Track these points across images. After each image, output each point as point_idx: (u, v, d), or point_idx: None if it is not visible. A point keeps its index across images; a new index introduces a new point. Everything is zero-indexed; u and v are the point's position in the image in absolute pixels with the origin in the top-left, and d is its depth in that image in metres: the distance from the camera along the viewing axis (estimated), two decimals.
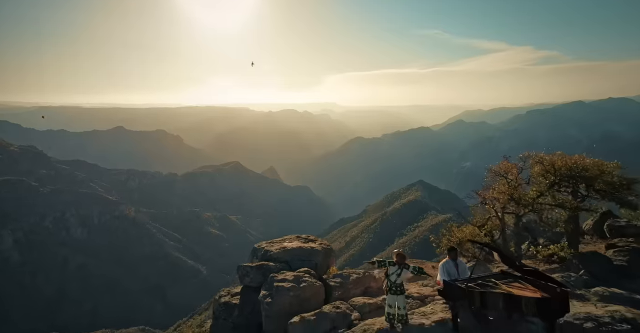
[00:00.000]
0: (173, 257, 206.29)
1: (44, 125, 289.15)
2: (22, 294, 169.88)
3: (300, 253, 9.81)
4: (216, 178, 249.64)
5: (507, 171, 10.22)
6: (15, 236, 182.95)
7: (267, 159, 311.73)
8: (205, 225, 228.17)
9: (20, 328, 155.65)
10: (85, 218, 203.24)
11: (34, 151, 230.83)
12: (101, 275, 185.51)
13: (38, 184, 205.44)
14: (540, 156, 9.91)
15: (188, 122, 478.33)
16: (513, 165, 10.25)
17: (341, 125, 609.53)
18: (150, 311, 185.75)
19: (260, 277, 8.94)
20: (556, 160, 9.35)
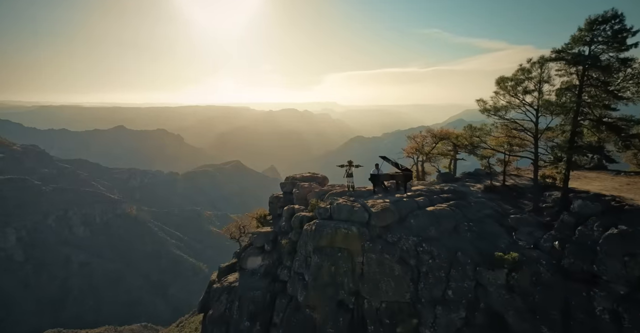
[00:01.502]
0: (174, 255, 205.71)
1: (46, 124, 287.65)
2: (26, 292, 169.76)
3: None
4: (217, 177, 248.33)
5: (414, 137, 19.08)
6: (18, 234, 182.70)
7: (267, 158, 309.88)
8: (206, 224, 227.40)
9: (24, 325, 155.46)
10: (88, 216, 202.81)
11: (36, 150, 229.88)
12: (104, 273, 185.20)
13: (41, 183, 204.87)
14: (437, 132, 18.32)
15: (189, 122, 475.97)
16: (419, 134, 18.59)
17: (341, 124, 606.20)
18: (152, 308, 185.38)
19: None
20: (439, 131, 17.85)
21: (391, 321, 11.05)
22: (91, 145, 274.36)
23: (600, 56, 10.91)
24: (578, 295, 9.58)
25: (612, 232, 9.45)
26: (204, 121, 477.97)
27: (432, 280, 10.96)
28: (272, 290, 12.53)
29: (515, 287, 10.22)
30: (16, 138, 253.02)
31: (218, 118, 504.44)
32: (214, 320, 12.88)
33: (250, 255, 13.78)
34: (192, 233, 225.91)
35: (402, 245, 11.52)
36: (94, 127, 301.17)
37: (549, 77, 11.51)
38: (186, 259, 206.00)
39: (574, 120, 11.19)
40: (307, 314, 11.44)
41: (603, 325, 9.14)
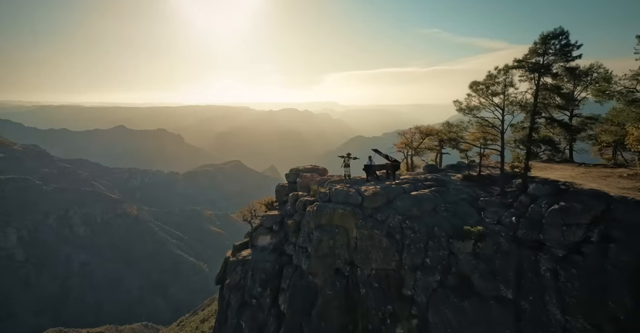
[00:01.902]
0: (175, 255, 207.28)
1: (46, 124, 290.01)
2: (27, 291, 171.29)
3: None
4: (217, 177, 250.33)
5: (404, 133, 21.40)
6: (19, 234, 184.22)
7: (267, 158, 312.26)
8: (207, 223, 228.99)
9: (24, 324, 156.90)
10: (88, 216, 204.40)
11: (37, 150, 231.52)
12: (104, 273, 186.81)
13: (41, 183, 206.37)
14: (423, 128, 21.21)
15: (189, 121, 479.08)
16: (409, 131, 21.13)
17: (342, 124, 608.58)
18: (152, 308, 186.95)
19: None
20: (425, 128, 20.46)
21: (380, 285, 13.50)
22: (91, 145, 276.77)
23: (552, 65, 13.37)
24: (528, 259, 12.02)
25: (554, 207, 11.90)
26: (204, 121, 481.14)
27: (413, 250, 13.40)
28: (280, 262, 14.98)
29: (480, 254, 12.67)
30: (17, 138, 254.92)
31: (218, 118, 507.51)
32: (231, 287, 15.34)
33: (260, 234, 16.28)
34: (192, 232, 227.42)
35: (389, 223, 13.97)
36: (94, 127, 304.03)
37: (511, 82, 13.95)
38: (186, 259, 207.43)
39: (531, 118, 13.64)
40: (309, 280, 13.86)
41: (545, 281, 11.58)
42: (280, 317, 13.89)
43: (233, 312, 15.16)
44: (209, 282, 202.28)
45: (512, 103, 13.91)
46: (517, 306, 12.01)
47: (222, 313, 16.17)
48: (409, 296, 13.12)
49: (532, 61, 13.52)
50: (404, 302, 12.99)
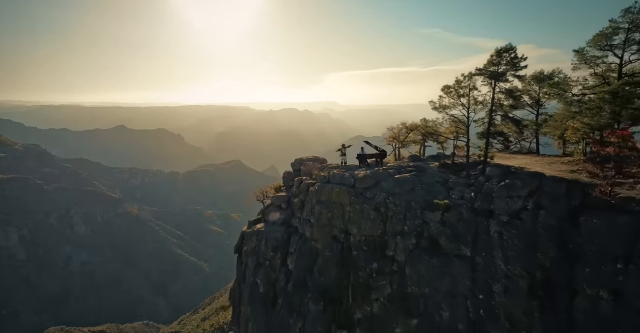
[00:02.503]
0: (175, 254, 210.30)
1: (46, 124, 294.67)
2: (28, 290, 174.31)
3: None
4: (217, 177, 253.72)
5: (392, 128, 24.72)
6: (20, 233, 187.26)
7: (268, 158, 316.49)
8: (207, 223, 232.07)
9: (26, 323, 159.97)
10: (89, 215, 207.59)
11: (37, 150, 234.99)
12: (105, 272, 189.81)
13: (42, 182, 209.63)
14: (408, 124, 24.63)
15: (189, 121, 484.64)
16: (397, 126, 24.52)
17: (341, 124, 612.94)
18: (153, 307, 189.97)
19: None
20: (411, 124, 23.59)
21: (368, 248, 17.27)
22: (92, 145, 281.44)
23: (505, 74, 17.17)
24: (482, 224, 15.79)
25: (501, 184, 15.67)
26: (204, 121, 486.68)
27: (394, 220, 17.19)
28: (288, 232, 18.70)
29: (446, 222, 16.44)
30: (17, 137, 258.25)
31: (218, 117, 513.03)
32: (248, 253, 19.09)
33: (271, 211, 20.03)
34: (192, 232, 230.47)
35: (376, 199, 17.77)
36: (94, 127, 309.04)
37: (475, 86, 17.75)
38: (187, 258, 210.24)
39: (489, 115, 17.45)
40: (312, 245, 17.57)
41: (494, 241, 15.35)
42: (288, 273, 17.61)
43: (250, 272, 18.95)
44: (210, 282, 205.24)
45: (475, 103, 17.72)
46: (473, 261, 15.78)
47: (241, 274, 19.93)
48: (390, 256, 16.88)
49: (490, 70, 17.31)
50: (387, 260, 16.76)
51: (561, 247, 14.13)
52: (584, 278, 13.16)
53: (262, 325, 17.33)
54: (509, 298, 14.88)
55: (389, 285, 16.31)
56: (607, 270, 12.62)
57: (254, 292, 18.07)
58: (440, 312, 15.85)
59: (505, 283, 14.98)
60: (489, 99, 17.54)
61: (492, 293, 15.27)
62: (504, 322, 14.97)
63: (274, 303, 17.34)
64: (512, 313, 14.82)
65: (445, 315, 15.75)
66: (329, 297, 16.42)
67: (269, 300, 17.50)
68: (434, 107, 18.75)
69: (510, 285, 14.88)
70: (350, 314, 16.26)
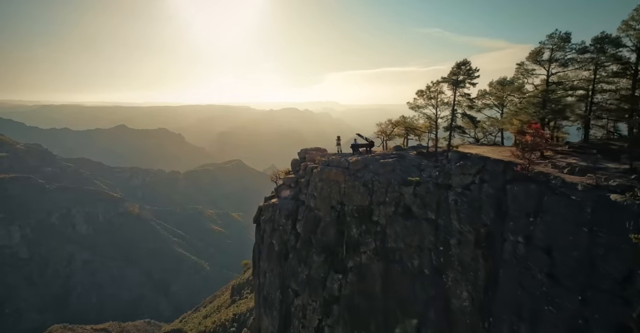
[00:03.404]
0: (176, 253, 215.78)
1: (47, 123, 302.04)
2: (31, 288, 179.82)
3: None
4: (218, 176, 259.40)
5: (381, 124, 29.66)
6: (22, 232, 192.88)
7: (268, 157, 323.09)
8: (208, 222, 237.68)
9: (28, 321, 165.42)
10: (91, 215, 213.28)
11: (39, 149, 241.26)
12: (106, 271, 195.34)
13: (44, 181, 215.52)
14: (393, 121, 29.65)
15: (189, 121, 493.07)
16: (384, 123, 29.58)
17: (342, 123, 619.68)
18: (154, 306, 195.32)
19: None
20: (396, 121, 28.88)
21: (358, 215, 23.19)
22: (93, 144, 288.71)
23: (463, 81, 23.09)
24: (443, 195, 21.67)
25: (457, 165, 21.57)
26: (205, 120, 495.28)
27: (378, 193, 23.10)
28: (296, 204, 24.61)
29: (417, 194, 22.34)
30: (19, 137, 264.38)
31: (218, 117, 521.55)
32: (265, 221, 25.02)
33: (282, 189, 25.96)
34: (193, 231, 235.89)
35: (365, 178, 23.70)
36: (95, 127, 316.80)
37: (442, 91, 23.67)
38: (188, 257, 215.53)
39: (452, 114, 23.38)
40: (315, 213, 23.46)
41: (451, 207, 21.23)
42: (297, 235, 23.46)
43: (267, 234, 24.85)
44: (210, 281, 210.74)
45: (442, 104, 23.66)
46: (436, 222, 21.66)
47: (259, 238, 25.84)
48: (375, 220, 22.80)
49: (452, 78, 23.24)
50: (372, 223, 22.68)
51: (497, 209, 19.93)
52: (509, 229, 18.97)
53: (277, 275, 23.23)
54: (461, 249, 20.71)
55: (373, 242, 22.21)
56: (523, 222, 18.41)
57: (270, 250, 23.98)
58: (411, 260, 21.73)
59: (459, 238, 20.82)
60: (452, 101, 23.49)
61: (449, 246, 21.12)
62: (457, 266, 20.81)
63: (286, 257, 23.19)
64: (463, 259, 20.66)
65: (415, 263, 21.63)
66: (328, 251, 22.29)
67: (282, 256, 23.38)
68: (410, 106, 24.70)
69: (462, 239, 20.72)
70: (345, 263, 22.15)
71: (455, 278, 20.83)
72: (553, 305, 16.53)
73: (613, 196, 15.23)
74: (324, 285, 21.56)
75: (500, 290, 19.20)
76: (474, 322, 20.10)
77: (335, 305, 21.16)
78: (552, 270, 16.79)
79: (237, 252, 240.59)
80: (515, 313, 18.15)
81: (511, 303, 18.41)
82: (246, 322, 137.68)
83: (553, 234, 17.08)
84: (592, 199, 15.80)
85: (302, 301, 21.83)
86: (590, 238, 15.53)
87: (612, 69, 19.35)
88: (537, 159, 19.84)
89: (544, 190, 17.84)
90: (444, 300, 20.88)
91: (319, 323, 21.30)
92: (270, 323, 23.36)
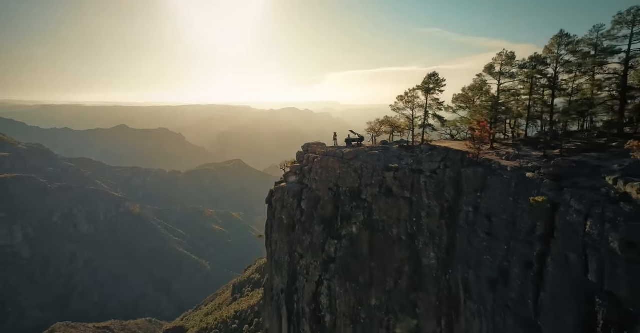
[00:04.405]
0: (177, 253, 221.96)
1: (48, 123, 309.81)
2: (33, 287, 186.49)
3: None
4: (218, 176, 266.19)
5: (370, 122, 35.12)
6: (25, 231, 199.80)
7: (268, 157, 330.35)
8: (209, 222, 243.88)
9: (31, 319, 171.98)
10: (92, 214, 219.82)
11: (40, 149, 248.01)
12: (108, 270, 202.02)
13: (46, 181, 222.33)
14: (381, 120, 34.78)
15: (189, 121, 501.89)
16: (374, 122, 35.16)
17: (342, 123, 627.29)
18: (156, 304, 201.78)
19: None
20: (382, 120, 34.89)
21: (350, 194, 30.17)
22: (93, 144, 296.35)
23: (434, 88, 30.05)
24: (416, 177, 28.61)
25: (427, 154, 28.52)
26: (205, 120, 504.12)
27: (366, 177, 30.07)
28: (301, 187, 31.60)
29: (396, 177, 29.28)
30: (20, 137, 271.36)
31: (219, 117, 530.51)
32: (276, 200, 31.98)
33: (290, 175, 32.93)
34: (194, 231, 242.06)
35: (356, 165, 30.66)
36: (95, 126, 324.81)
37: (417, 96, 30.65)
38: (189, 256, 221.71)
39: (424, 115, 30.37)
40: (316, 193, 30.44)
41: (421, 186, 28.17)
42: (302, 211, 30.36)
43: (277, 211, 31.74)
44: (211, 280, 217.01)
45: (417, 106, 30.62)
46: (411, 199, 28.55)
47: (271, 214, 32.75)
48: (363, 198, 29.75)
49: (425, 86, 30.21)
50: (361, 201, 29.62)
51: (456, 188, 26.75)
52: (463, 203, 25.80)
53: (286, 243, 30.09)
54: (429, 220, 27.57)
55: (362, 215, 29.15)
56: (472, 196, 25.22)
57: (280, 223, 30.89)
58: (392, 229, 28.63)
59: (427, 211, 27.67)
60: (425, 104, 30.47)
61: (420, 217, 27.99)
62: (426, 233, 27.66)
63: (293, 228, 30.09)
64: (431, 228, 27.50)
65: (394, 231, 28.53)
66: (326, 222, 29.20)
67: (290, 227, 30.28)
68: (392, 109, 31.68)
69: (430, 212, 27.56)
70: (339, 232, 29.07)
71: (425, 242, 27.68)
72: (490, 254, 23.33)
73: (528, 174, 22.03)
74: (323, 249, 28.39)
75: (456, 249, 26.01)
76: (439, 274, 26.90)
77: (332, 264, 27.97)
78: (490, 230, 23.60)
79: (237, 251, 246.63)
80: (466, 263, 24.95)
81: (463, 257, 25.22)
82: (247, 319, 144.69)
83: (492, 204, 23.92)
84: (516, 177, 22.63)
85: (306, 261, 28.66)
86: (513, 204, 22.34)
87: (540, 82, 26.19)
88: (487, 150, 26.76)
89: (487, 172, 24.65)
90: (416, 259, 27.73)
91: (319, 278, 28.08)
92: (281, 281, 30.22)
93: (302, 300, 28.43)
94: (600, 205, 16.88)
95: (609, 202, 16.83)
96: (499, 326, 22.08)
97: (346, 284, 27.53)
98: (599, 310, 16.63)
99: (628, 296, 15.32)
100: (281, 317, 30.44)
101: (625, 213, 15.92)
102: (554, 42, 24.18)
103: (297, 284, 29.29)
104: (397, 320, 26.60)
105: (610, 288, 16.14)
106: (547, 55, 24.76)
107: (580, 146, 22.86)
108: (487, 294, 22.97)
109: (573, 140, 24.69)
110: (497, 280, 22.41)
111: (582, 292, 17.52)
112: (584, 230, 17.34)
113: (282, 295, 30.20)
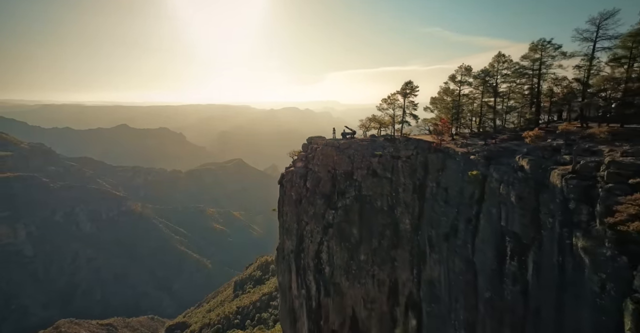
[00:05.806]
0: (179, 251, 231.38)
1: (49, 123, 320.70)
2: (36, 285, 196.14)
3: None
4: (219, 175, 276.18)
5: (362, 120, 44.98)
6: (28, 230, 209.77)
7: (269, 157, 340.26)
8: (210, 221, 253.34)
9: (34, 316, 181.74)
10: (94, 213, 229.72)
11: (43, 148, 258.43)
12: (110, 268, 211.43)
13: (48, 180, 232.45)
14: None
15: (190, 120, 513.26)
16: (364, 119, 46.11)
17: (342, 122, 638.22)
18: (158, 302, 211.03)
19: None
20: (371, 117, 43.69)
21: (344, 176, 40.23)
22: (94, 144, 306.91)
23: (410, 93, 40.06)
24: (395, 162, 38.65)
25: (404, 143, 38.47)
26: (205, 120, 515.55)
27: (357, 162, 40.12)
28: (306, 170, 41.47)
29: (380, 162, 39.28)
30: (22, 136, 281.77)
31: (219, 117, 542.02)
32: (286, 181, 41.87)
33: (297, 162, 42.82)
34: (195, 230, 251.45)
35: (349, 153, 40.72)
36: (96, 126, 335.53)
37: (397, 99, 40.70)
38: (190, 255, 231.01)
39: (403, 113, 40.43)
40: (319, 175, 40.38)
41: (399, 169, 38.20)
42: (307, 189, 40.26)
43: (287, 189, 41.63)
44: (212, 278, 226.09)
45: (397, 107, 40.62)
46: (391, 179, 38.47)
47: (283, 192, 42.62)
48: (355, 178, 39.74)
49: (404, 91, 40.19)
50: (353, 180, 39.61)
51: (424, 169, 36.56)
52: (429, 180, 35.62)
53: (294, 214, 39.90)
54: (405, 194, 37.37)
55: (354, 191, 39.07)
56: (435, 175, 35.01)
57: (289, 199, 40.70)
58: (377, 201, 38.51)
59: (404, 187, 37.48)
60: (403, 105, 40.44)
61: (398, 192, 37.81)
62: (403, 204, 37.48)
63: (300, 202, 39.95)
64: (406, 200, 37.30)
65: (378, 203, 38.40)
66: (326, 196, 39.11)
67: (298, 202, 40.12)
68: (378, 109, 41.67)
69: (405, 188, 37.38)
70: (336, 204, 38.98)
71: (401, 211, 37.49)
72: (446, 216, 33.13)
73: (472, 157, 31.81)
74: (323, 217, 38.15)
75: (424, 216, 35.77)
76: (411, 236, 36.67)
77: (330, 229, 37.71)
78: (447, 199, 33.39)
79: (238, 250, 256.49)
80: (430, 225, 34.73)
81: (429, 220, 35.02)
82: (250, 314, 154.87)
83: (448, 179, 33.72)
84: (463, 159, 32.44)
85: (310, 227, 38.39)
86: (461, 178, 32.15)
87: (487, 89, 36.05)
88: (449, 140, 36.62)
89: (446, 157, 34.46)
90: (395, 224, 37.57)
91: (320, 240, 37.76)
92: (290, 243, 39.98)
93: (307, 257, 38.04)
94: (507, 174, 26.76)
95: (512, 171, 26.71)
96: (450, 266, 31.84)
97: (341, 244, 37.23)
98: (507, 245, 26.51)
99: (520, 232, 25.12)
100: (291, 271, 40.03)
101: (519, 178, 25.79)
102: (494, 60, 34.10)
103: (303, 245, 38.94)
104: (380, 270, 36.34)
105: (512, 228, 25.96)
106: (491, 69, 34.62)
107: (509, 137, 32.67)
108: (443, 245, 32.72)
109: (508, 133, 34.50)
110: (449, 233, 32.19)
111: (498, 234, 27.39)
112: (499, 192, 27.19)
113: (292, 254, 39.85)
